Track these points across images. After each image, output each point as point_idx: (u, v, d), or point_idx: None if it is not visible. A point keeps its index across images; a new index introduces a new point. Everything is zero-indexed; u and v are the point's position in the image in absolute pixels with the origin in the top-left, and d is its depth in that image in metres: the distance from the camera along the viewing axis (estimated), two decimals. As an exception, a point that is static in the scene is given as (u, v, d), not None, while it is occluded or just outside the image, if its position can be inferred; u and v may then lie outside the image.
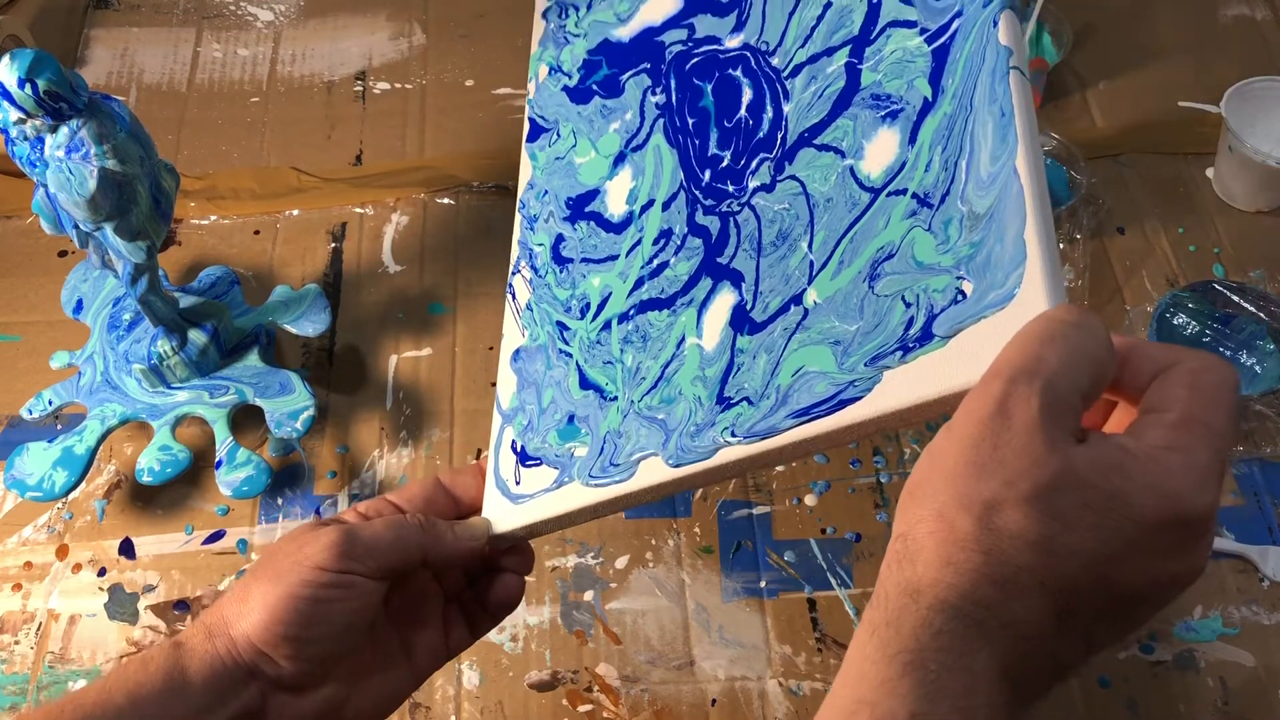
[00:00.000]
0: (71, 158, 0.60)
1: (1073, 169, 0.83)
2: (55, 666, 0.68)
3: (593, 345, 0.55)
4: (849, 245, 0.48)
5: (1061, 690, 0.66)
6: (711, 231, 0.53)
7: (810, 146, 0.51)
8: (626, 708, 0.66)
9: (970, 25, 0.47)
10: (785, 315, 0.49)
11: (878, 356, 0.43)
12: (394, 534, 0.47)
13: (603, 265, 0.57)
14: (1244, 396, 0.72)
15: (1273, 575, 0.69)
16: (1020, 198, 0.39)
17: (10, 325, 0.83)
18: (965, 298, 0.40)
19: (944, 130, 0.46)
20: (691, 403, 0.50)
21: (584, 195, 0.59)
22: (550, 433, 0.53)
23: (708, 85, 0.56)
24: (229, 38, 1.01)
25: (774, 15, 0.55)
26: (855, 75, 0.51)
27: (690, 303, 0.53)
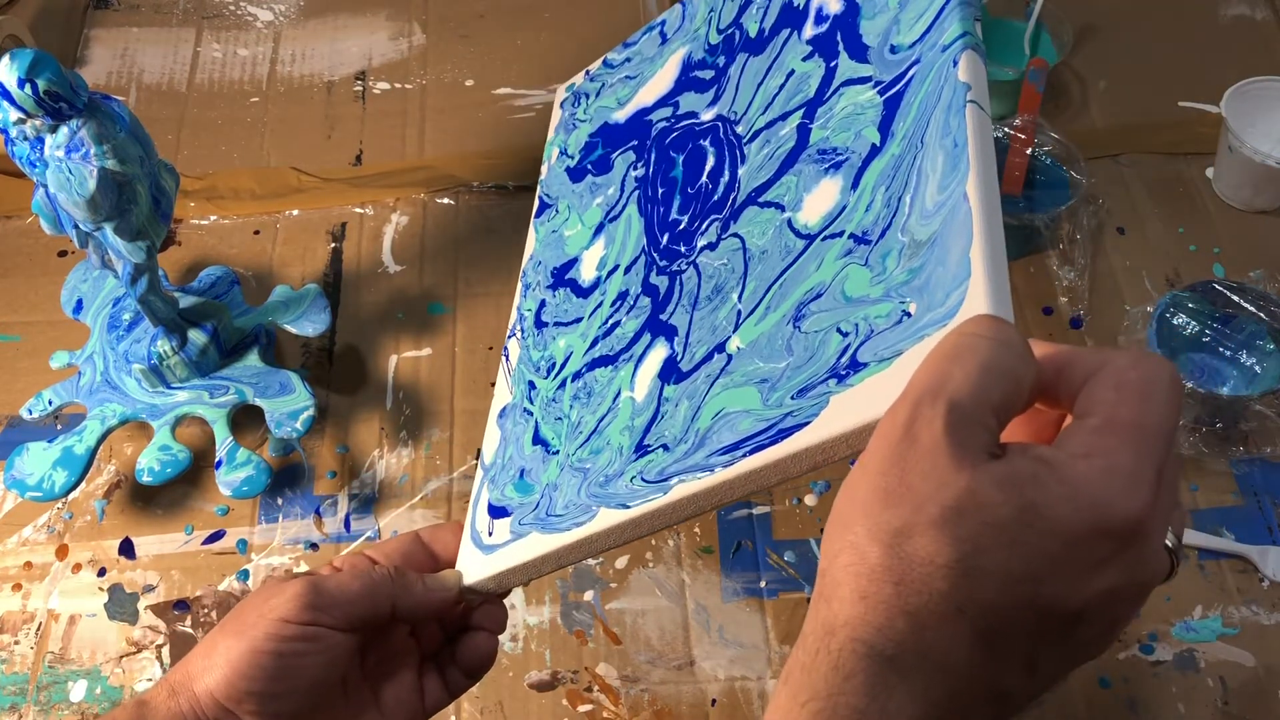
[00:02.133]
0: (71, 158, 0.60)
1: (1073, 169, 0.82)
2: (55, 666, 0.68)
3: (550, 403, 0.56)
4: (777, 291, 0.48)
5: (1061, 690, 0.66)
6: (660, 290, 0.55)
7: (754, 205, 0.52)
8: (626, 708, 0.66)
9: (928, 69, 0.46)
10: (709, 363, 0.49)
11: (806, 389, 0.42)
12: (361, 584, 0.45)
13: (569, 327, 0.58)
14: (1244, 396, 0.72)
15: (1273, 575, 0.69)
16: (968, 219, 0.38)
17: (10, 325, 0.83)
18: (910, 319, 0.38)
19: (889, 171, 0.45)
20: (614, 452, 0.50)
21: (566, 264, 0.61)
22: (507, 486, 0.54)
23: (680, 156, 0.58)
24: (229, 38, 1.01)
25: (745, 87, 0.57)
26: (805, 134, 0.52)
27: (630, 358, 0.54)
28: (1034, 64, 0.86)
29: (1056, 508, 0.29)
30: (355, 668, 0.47)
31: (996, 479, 0.29)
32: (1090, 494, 0.29)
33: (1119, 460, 0.29)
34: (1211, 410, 0.72)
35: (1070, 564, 0.29)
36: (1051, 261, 0.83)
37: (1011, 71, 0.89)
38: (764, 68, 0.56)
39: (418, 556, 0.51)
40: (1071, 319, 0.81)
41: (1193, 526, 0.71)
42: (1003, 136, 0.84)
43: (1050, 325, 0.81)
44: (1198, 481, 0.74)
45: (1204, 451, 0.73)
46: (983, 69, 0.43)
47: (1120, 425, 0.29)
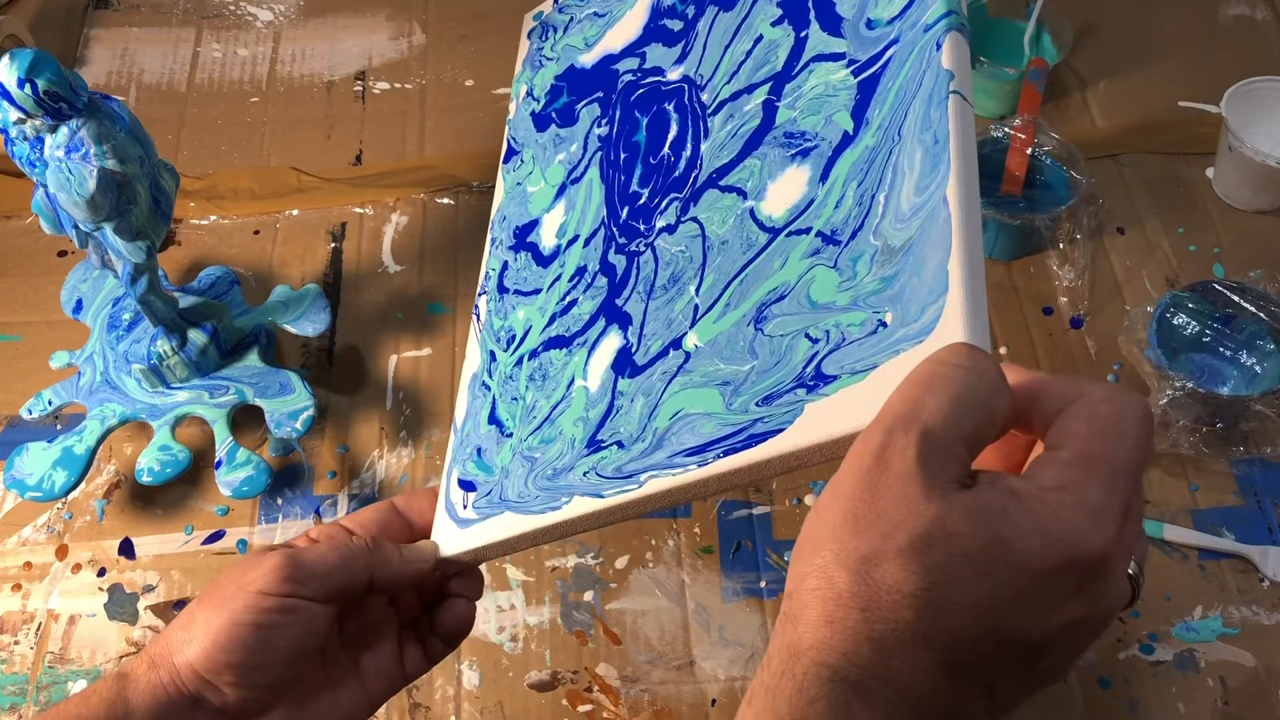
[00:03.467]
0: (71, 158, 0.60)
1: (1073, 169, 0.82)
2: (55, 667, 0.68)
3: (507, 380, 0.56)
4: (737, 288, 0.47)
5: (1062, 690, 0.66)
6: (617, 271, 0.54)
7: (715, 188, 0.51)
8: (626, 708, 0.66)
9: (908, 51, 0.43)
10: (664, 359, 0.48)
11: (772, 396, 0.41)
12: (339, 556, 0.46)
13: (528, 298, 0.58)
14: (1244, 396, 0.72)
15: (1273, 575, 0.69)
16: (946, 226, 0.37)
17: (10, 325, 0.83)
18: (885, 329, 0.37)
19: (863, 164, 0.43)
20: (566, 444, 0.50)
21: (527, 225, 0.60)
22: (468, 461, 0.54)
23: (644, 119, 0.57)
24: (229, 38, 1.01)
25: (713, 48, 0.54)
26: (771, 113, 0.49)
27: (584, 343, 0.53)
28: (1034, 64, 0.86)
29: (1025, 542, 0.29)
30: (334, 638, 0.48)
31: (966, 510, 0.29)
32: (1059, 529, 0.29)
33: (1088, 495, 0.29)
34: (1211, 410, 0.72)
35: (1036, 597, 0.29)
36: (1051, 261, 0.83)
37: (1011, 71, 0.89)
38: (733, 27, 0.54)
39: (394, 525, 0.51)
40: (1071, 319, 0.81)
41: (1192, 527, 0.71)
42: (1002, 136, 0.84)
43: (1050, 325, 0.81)
44: (1198, 481, 0.74)
45: (1204, 451, 0.73)
46: (967, 54, 0.41)
47: (1091, 460, 0.30)
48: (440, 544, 0.51)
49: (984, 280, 0.34)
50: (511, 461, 0.52)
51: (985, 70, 0.90)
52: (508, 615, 0.69)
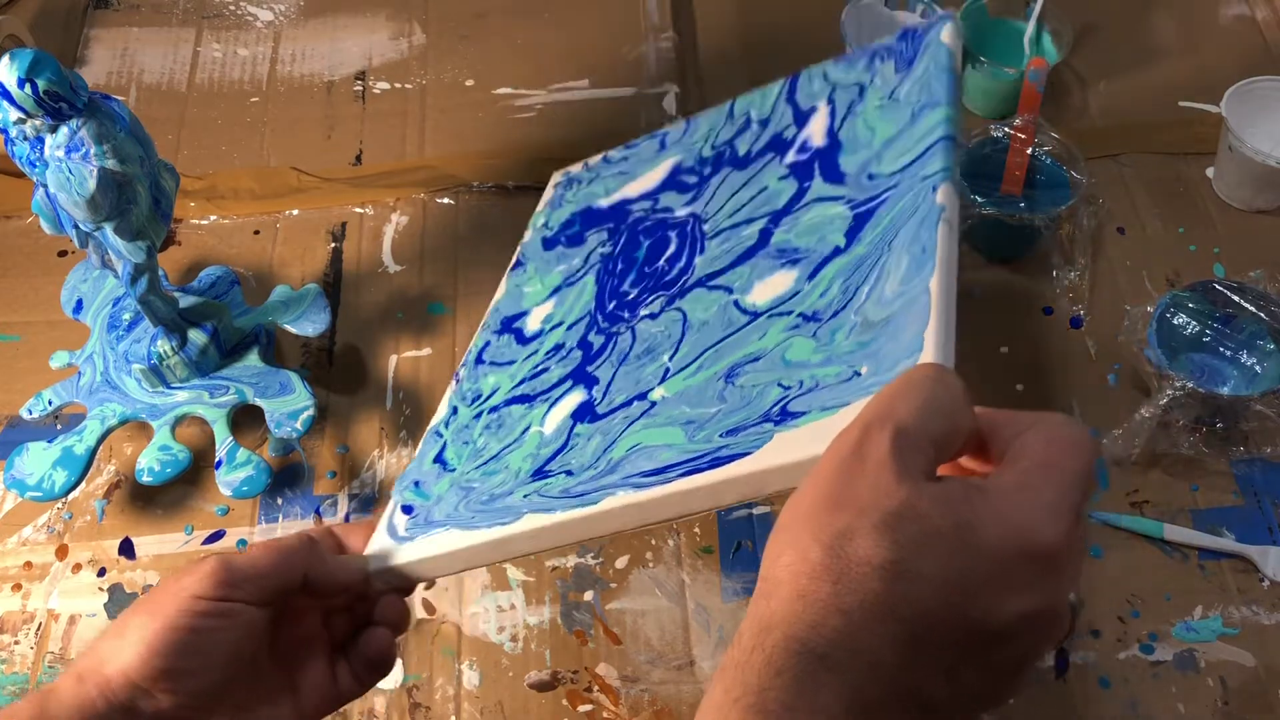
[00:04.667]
0: (71, 158, 0.60)
1: (1073, 169, 0.82)
2: (55, 667, 0.68)
3: (462, 429, 0.58)
4: (712, 354, 0.49)
5: (1062, 690, 0.66)
6: (593, 346, 0.56)
7: (703, 287, 0.54)
8: (626, 708, 0.66)
9: (905, 192, 0.48)
10: (627, 408, 0.50)
11: (738, 429, 0.43)
12: (273, 556, 0.46)
13: (502, 367, 0.60)
14: (1244, 396, 0.72)
15: (1273, 575, 0.69)
16: (926, 307, 0.40)
17: (10, 325, 0.83)
18: (860, 378, 0.41)
19: (850, 267, 0.47)
20: (509, 475, 0.51)
21: (516, 314, 0.64)
22: (407, 490, 0.56)
23: (647, 241, 0.61)
24: (229, 38, 1.01)
25: (721, 194, 0.60)
26: (767, 236, 0.54)
27: (547, 400, 0.55)
28: (1034, 64, 0.86)
29: (988, 527, 0.31)
30: (268, 650, 0.48)
31: (935, 496, 0.32)
32: (1018, 519, 0.31)
33: (1045, 495, 0.32)
34: (1211, 410, 0.72)
35: (995, 580, 0.31)
36: (1051, 261, 0.83)
37: (1011, 71, 0.89)
38: (742, 182, 0.59)
39: (328, 543, 0.51)
40: (1071, 319, 0.81)
41: (1192, 527, 0.71)
42: (1002, 136, 0.84)
43: (1050, 325, 0.81)
44: (1198, 481, 0.74)
45: (1204, 451, 0.73)
46: (957, 198, 0.45)
47: (1048, 467, 0.32)
48: (376, 557, 0.51)
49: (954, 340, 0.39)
50: (448, 491, 0.53)
51: (985, 70, 0.90)
52: (508, 615, 0.69)
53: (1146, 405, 0.72)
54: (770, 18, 1.01)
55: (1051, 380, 0.78)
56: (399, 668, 0.67)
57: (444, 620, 0.69)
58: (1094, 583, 0.70)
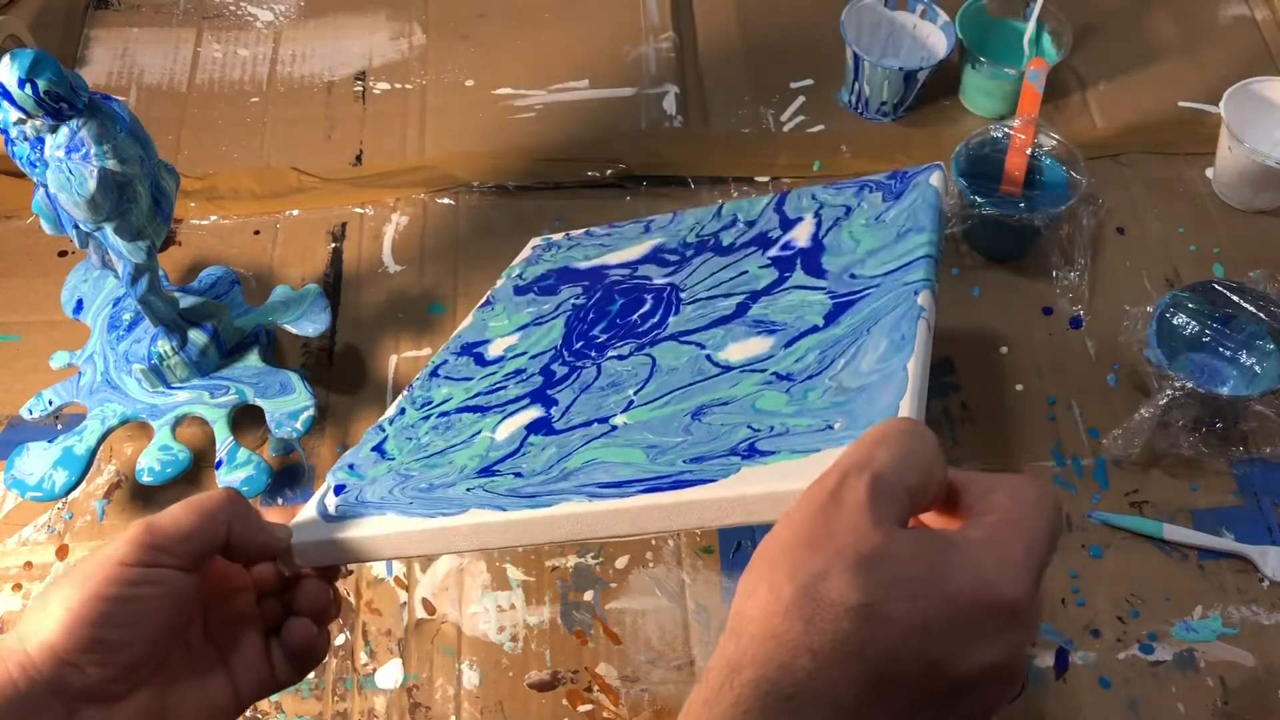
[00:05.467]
0: (71, 158, 0.60)
1: (1073, 169, 0.82)
2: (55, 666, 0.68)
3: (407, 427, 0.58)
4: (679, 394, 0.49)
5: (1062, 690, 0.66)
6: (555, 374, 0.57)
7: (675, 340, 0.55)
8: (626, 708, 0.66)
9: (886, 291, 0.50)
10: (587, 428, 0.50)
11: (702, 459, 0.43)
12: (195, 515, 0.45)
13: (456, 383, 0.60)
14: (1244, 396, 0.72)
15: (1273, 575, 0.69)
16: (902, 383, 0.43)
17: (10, 325, 0.83)
18: (833, 431, 0.42)
19: (829, 342, 0.48)
20: (453, 470, 0.51)
21: (478, 341, 0.65)
22: (340, 471, 0.55)
23: (621, 299, 0.62)
24: (229, 38, 1.01)
25: (701, 271, 0.61)
26: (744, 309, 0.55)
27: (501, 412, 0.55)
28: (1034, 64, 0.86)
29: (958, 578, 0.32)
30: (200, 625, 0.47)
31: (908, 543, 0.33)
32: (986, 573, 0.32)
33: (1013, 552, 0.33)
34: (1211, 410, 0.72)
35: (962, 630, 0.32)
36: (1051, 261, 0.83)
37: (1011, 71, 0.89)
38: (722, 264, 0.61)
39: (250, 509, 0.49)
40: (1071, 319, 0.81)
41: (1192, 526, 0.71)
42: (1002, 137, 0.84)
43: (1050, 325, 0.81)
44: (1198, 481, 0.74)
45: (1204, 451, 0.73)
46: (936, 304, 0.49)
47: (1015, 525, 0.33)
48: (301, 530, 0.49)
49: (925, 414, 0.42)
50: (385, 475, 0.53)
51: (985, 70, 0.90)
52: (508, 615, 0.69)
53: (1146, 405, 0.72)
54: (770, 18, 1.01)
55: (1051, 380, 0.78)
56: (399, 667, 0.67)
57: (444, 620, 0.69)
58: (1094, 583, 0.70)
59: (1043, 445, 0.75)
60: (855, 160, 0.90)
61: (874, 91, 0.91)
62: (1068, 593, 0.69)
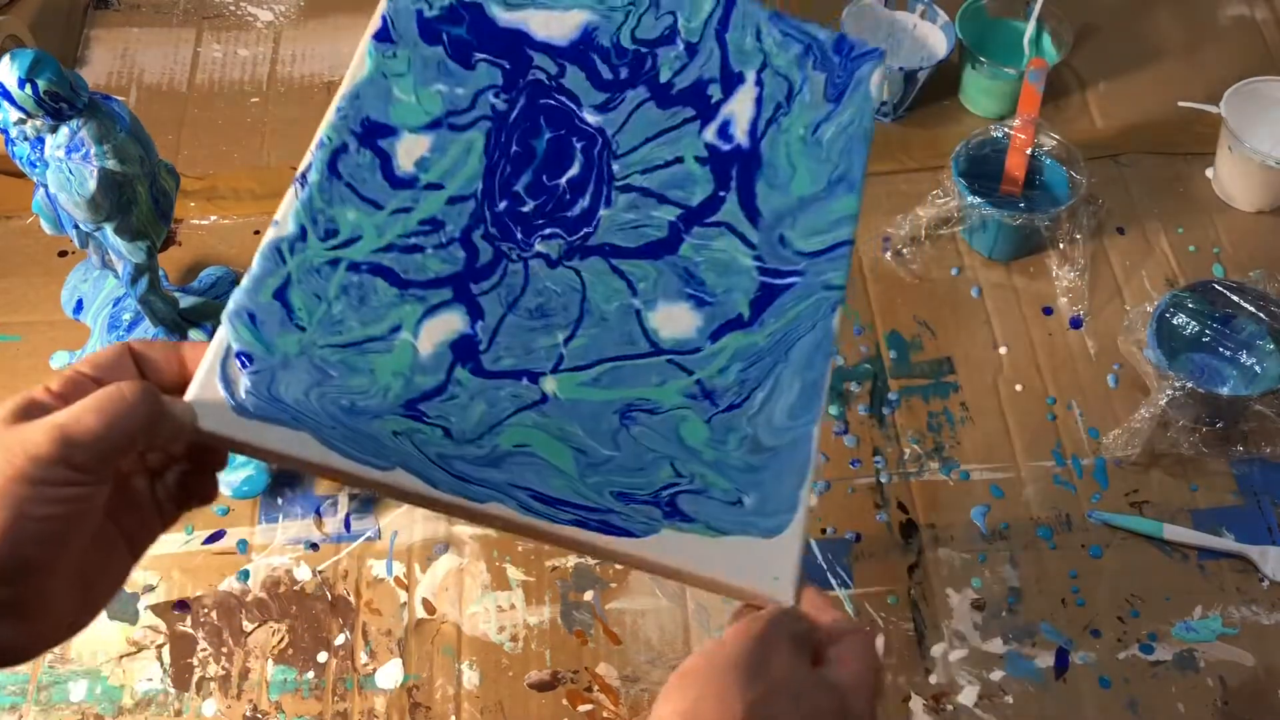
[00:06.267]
0: (71, 158, 0.60)
1: (1073, 169, 0.83)
2: (55, 666, 0.68)
3: (312, 270, 0.52)
4: (610, 371, 0.50)
5: (1062, 690, 0.66)
6: (480, 257, 0.53)
7: (606, 261, 0.53)
8: (626, 708, 0.66)
9: (808, 292, 0.52)
10: (517, 383, 0.49)
11: (627, 495, 0.47)
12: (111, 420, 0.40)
13: (363, 204, 0.54)
14: (1244, 396, 0.72)
15: (1272, 575, 0.69)
16: (806, 460, 0.48)
17: (10, 325, 0.83)
18: (742, 507, 0.47)
19: (751, 355, 0.50)
20: (377, 387, 0.48)
21: (383, 126, 0.56)
22: (242, 327, 0.50)
23: (548, 133, 0.56)
24: (229, 38, 1.01)
25: (634, 129, 0.56)
26: (677, 239, 0.53)
27: (421, 299, 0.51)
28: (1034, 64, 0.86)
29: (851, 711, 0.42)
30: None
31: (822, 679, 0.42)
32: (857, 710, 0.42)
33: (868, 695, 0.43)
34: (1211, 410, 0.72)
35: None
36: (1051, 261, 0.83)
37: (1011, 71, 0.89)
38: (659, 128, 0.56)
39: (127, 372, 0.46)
40: (1071, 319, 0.81)
41: (1192, 526, 0.71)
42: (1002, 137, 0.84)
43: (1050, 325, 0.81)
44: (1198, 481, 0.74)
45: (1204, 451, 0.73)
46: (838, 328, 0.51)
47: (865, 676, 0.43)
48: (203, 415, 0.46)
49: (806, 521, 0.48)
50: (298, 357, 0.49)
51: (985, 70, 0.90)
52: (508, 615, 0.69)
53: (1146, 405, 0.72)
54: (770, 18, 1.01)
55: (1051, 380, 0.78)
56: (399, 667, 0.67)
57: (444, 620, 0.69)
58: (1094, 583, 0.70)
59: (1043, 445, 0.75)
60: (855, 160, 0.90)
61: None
62: (1068, 593, 0.69)
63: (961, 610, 0.69)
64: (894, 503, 0.73)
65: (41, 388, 0.42)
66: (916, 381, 0.79)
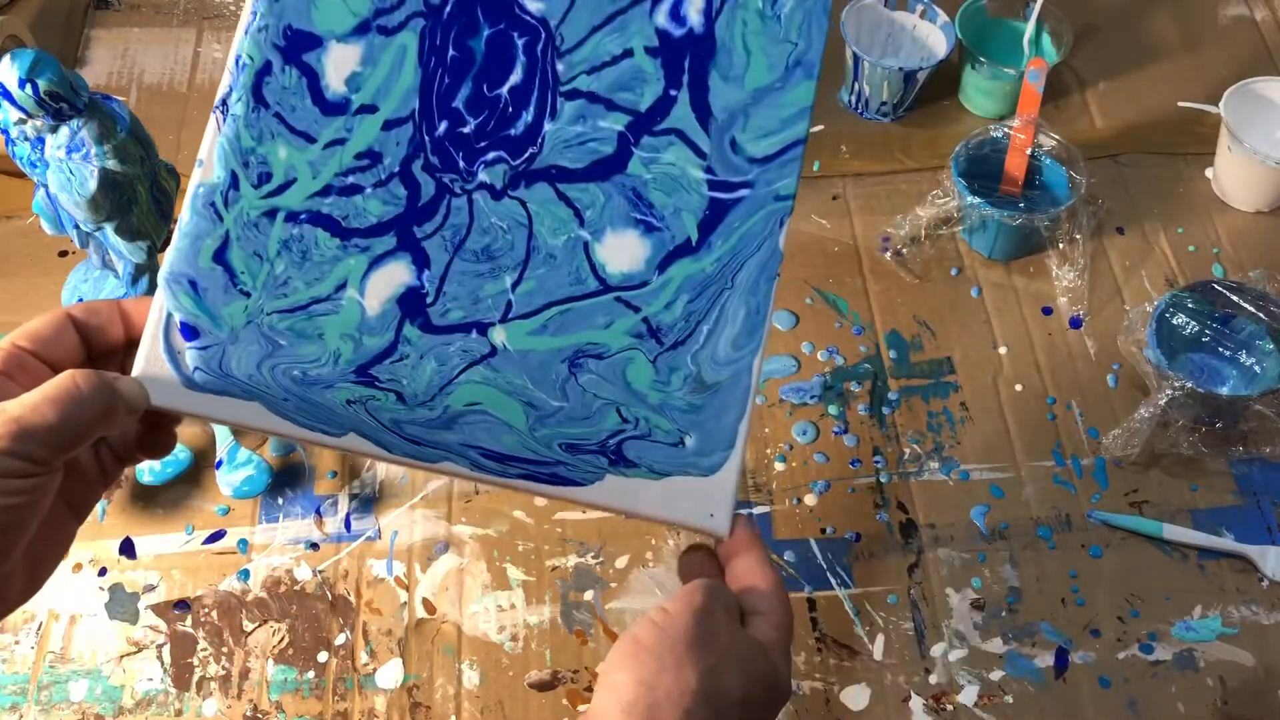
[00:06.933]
0: (72, 158, 0.60)
1: (1073, 169, 0.83)
2: (56, 666, 0.68)
3: (249, 225, 0.49)
4: (558, 316, 0.49)
5: (1062, 690, 0.66)
6: (422, 193, 0.50)
7: (552, 187, 0.50)
8: (626, 707, 0.66)
9: (758, 205, 0.50)
10: (466, 337, 0.48)
11: (575, 446, 0.48)
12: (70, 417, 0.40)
13: (295, 138, 0.50)
14: (1244, 396, 0.72)
15: (1272, 575, 0.69)
16: (746, 393, 0.48)
17: (10, 325, 0.82)
18: (684, 448, 0.48)
19: (698, 284, 0.50)
20: (327, 354, 0.48)
21: (307, 36, 0.51)
22: (183, 294, 0.48)
23: (487, 29, 0.51)
24: (229, 38, 1.01)
25: (580, 16, 0.51)
26: (625, 154, 0.50)
27: (364, 250, 0.49)
28: (1034, 64, 0.86)
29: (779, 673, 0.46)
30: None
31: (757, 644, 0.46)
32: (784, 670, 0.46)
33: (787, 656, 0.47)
34: (1211, 410, 0.72)
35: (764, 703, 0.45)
36: (1051, 261, 0.83)
37: (1011, 71, 0.89)
38: (606, 12, 0.51)
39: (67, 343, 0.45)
40: (1071, 319, 0.81)
41: (1192, 526, 0.71)
42: (1002, 137, 0.84)
43: (1050, 325, 0.81)
44: (1198, 481, 0.74)
45: (1204, 451, 0.73)
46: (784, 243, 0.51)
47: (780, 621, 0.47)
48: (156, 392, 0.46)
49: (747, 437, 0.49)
50: (246, 328, 0.48)
51: (985, 70, 0.90)
52: (508, 615, 0.69)
53: (1146, 405, 0.72)
54: (770, 18, 1.01)
55: (1051, 380, 0.78)
56: (399, 667, 0.67)
57: (444, 620, 0.69)
58: (1094, 582, 0.70)
59: (1042, 445, 0.75)
60: (855, 160, 0.91)
61: (874, 91, 0.91)
62: (1068, 592, 0.69)
63: (961, 610, 0.69)
64: (894, 503, 0.73)
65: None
66: (916, 381, 0.79)
